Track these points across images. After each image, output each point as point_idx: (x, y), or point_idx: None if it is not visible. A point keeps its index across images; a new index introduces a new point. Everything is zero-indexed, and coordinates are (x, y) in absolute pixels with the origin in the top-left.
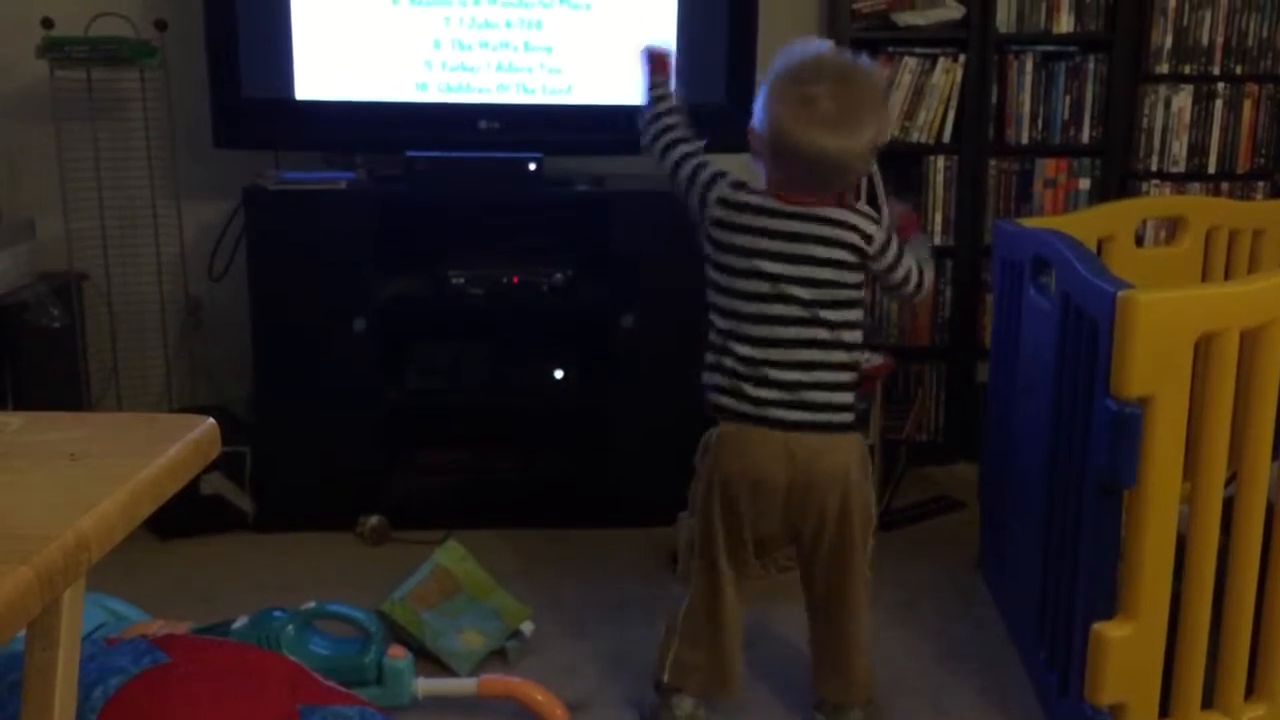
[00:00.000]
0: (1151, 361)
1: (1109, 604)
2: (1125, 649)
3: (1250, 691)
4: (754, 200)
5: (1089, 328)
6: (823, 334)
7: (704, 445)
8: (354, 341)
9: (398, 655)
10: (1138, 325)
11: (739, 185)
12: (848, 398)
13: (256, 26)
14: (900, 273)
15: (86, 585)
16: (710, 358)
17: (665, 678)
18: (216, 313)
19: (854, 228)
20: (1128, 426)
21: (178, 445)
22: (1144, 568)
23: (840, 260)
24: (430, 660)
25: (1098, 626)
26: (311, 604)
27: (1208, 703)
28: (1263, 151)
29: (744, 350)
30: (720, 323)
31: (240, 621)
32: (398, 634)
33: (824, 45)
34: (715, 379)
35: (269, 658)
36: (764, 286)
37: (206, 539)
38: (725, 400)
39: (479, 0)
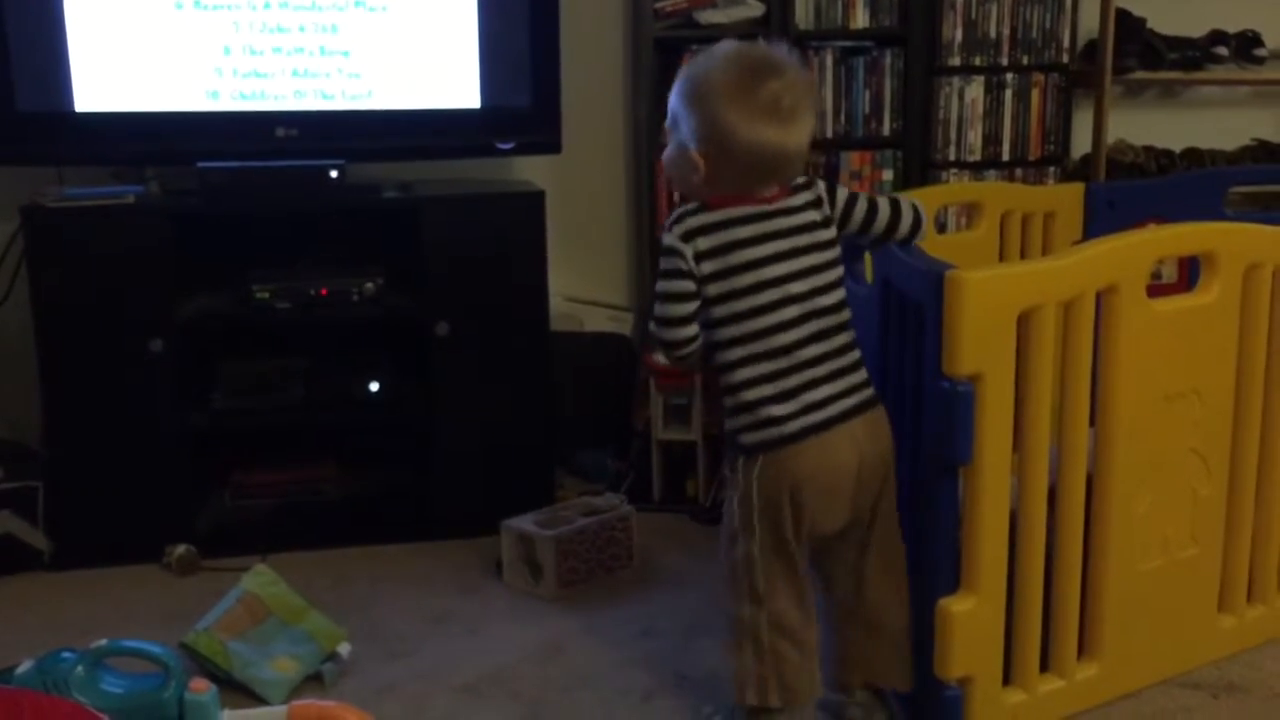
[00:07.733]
0: (979, 339)
1: (951, 579)
2: (969, 622)
3: (1081, 652)
4: (717, 217)
5: (914, 311)
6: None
7: (751, 471)
8: (152, 363)
9: (200, 689)
10: (965, 303)
11: (689, 220)
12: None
13: (27, 36)
14: (883, 215)
15: None
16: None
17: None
18: (2, 341)
19: (809, 205)
20: (961, 404)
21: None
22: (983, 541)
23: (821, 242)
24: (242, 691)
25: (943, 602)
26: (104, 641)
27: (1044, 666)
28: (1051, 138)
29: (770, 367)
30: (741, 353)
31: (24, 666)
32: (203, 666)
33: (739, 45)
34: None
35: (51, 703)
36: (774, 294)
37: None
38: (779, 427)
39: (269, 4)
